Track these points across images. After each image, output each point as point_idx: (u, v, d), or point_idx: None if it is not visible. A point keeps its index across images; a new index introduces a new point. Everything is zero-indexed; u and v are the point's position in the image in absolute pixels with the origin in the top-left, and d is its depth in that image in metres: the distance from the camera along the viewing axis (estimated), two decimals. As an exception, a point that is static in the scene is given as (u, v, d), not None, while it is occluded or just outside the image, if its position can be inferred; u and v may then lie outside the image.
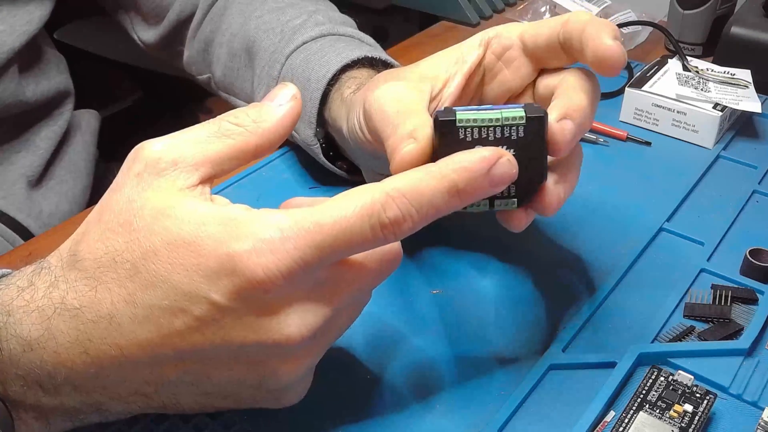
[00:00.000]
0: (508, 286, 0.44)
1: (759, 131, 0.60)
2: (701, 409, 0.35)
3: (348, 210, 0.28)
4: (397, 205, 0.28)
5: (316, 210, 0.28)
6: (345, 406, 0.37)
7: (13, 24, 0.55)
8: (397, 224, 0.28)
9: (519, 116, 0.32)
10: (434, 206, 0.28)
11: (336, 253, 0.28)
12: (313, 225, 0.27)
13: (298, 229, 0.27)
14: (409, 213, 0.28)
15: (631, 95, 0.60)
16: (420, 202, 0.28)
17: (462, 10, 0.82)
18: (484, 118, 0.31)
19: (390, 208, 0.28)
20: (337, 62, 0.47)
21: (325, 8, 0.57)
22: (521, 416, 0.36)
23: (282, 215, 0.28)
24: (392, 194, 0.28)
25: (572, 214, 0.49)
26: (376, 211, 0.27)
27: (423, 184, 0.28)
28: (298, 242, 0.27)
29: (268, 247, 0.27)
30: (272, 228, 0.27)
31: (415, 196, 0.28)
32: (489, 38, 0.38)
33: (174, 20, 0.62)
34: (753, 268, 0.44)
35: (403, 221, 0.28)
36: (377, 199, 0.28)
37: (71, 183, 0.63)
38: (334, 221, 0.27)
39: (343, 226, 0.27)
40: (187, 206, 0.28)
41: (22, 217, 0.58)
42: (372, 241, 0.28)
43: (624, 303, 0.43)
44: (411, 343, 0.40)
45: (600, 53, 0.33)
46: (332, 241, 0.27)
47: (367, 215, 0.27)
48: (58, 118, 0.63)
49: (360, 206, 0.28)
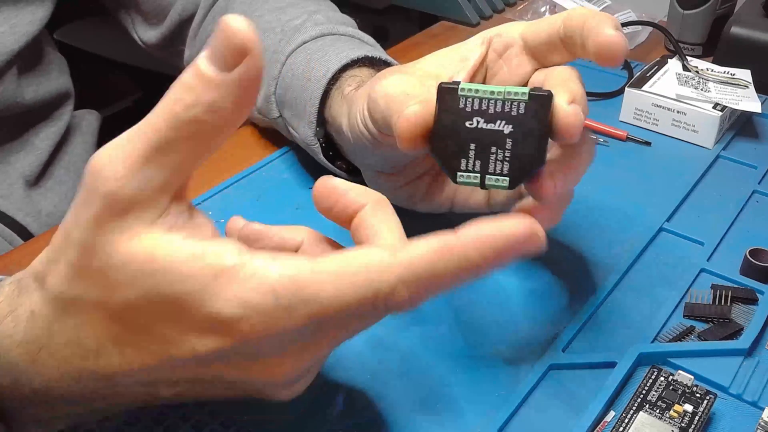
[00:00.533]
0: (507, 286, 0.44)
1: (759, 131, 0.60)
2: (701, 409, 0.35)
3: (351, 285, 0.25)
4: (408, 291, 0.25)
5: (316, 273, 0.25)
6: (344, 406, 0.37)
7: (14, 25, 0.55)
8: (401, 307, 0.26)
9: (522, 92, 0.31)
10: (445, 288, 0.26)
11: (328, 322, 0.26)
12: (310, 293, 0.25)
13: (293, 295, 0.25)
14: (418, 297, 0.26)
15: (631, 95, 0.60)
16: (432, 286, 0.26)
17: (462, 10, 0.82)
18: (487, 89, 0.31)
19: (398, 294, 0.25)
20: (338, 61, 0.47)
21: (325, 8, 0.57)
22: (521, 416, 0.36)
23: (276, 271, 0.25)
24: (404, 278, 0.25)
25: (572, 213, 0.49)
26: (383, 294, 0.25)
27: (439, 266, 0.25)
28: (291, 312, 0.25)
29: (260, 311, 0.25)
30: (265, 290, 0.25)
31: (428, 281, 0.26)
32: (491, 37, 0.38)
33: (175, 20, 0.62)
34: (753, 268, 0.44)
35: (408, 304, 0.26)
36: (386, 281, 0.25)
37: (70, 183, 0.63)
38: (333, 294, 0.25)
39: (342, 302, 0.25)
40: (166, 257, 0.25)
41: (20, 216, 0.58)
42: (368, 316, 0.27)
43: (624, 303, 0.43)
44: (410, 343, 0.40)
45: (600, 43, 0.33)
46: (326, 313, 0.25)
47: (371, 295, 0.25)
48: (58, 119, 0.63)
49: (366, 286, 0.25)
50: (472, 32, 0.39)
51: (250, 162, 0.56)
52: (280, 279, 0.25)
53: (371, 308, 0.26)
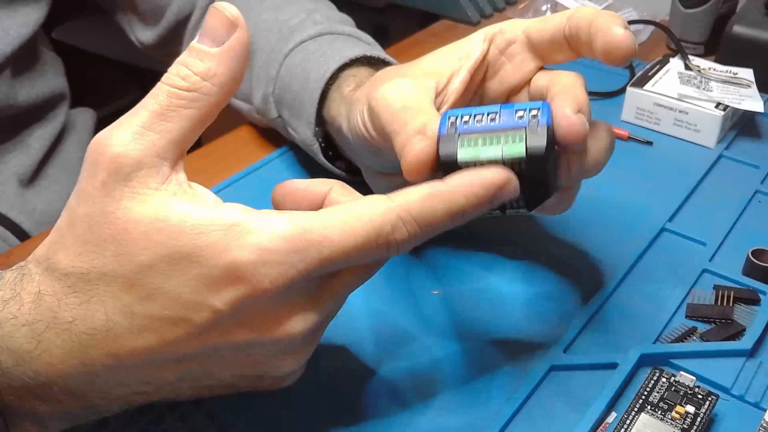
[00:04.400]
0: (508, 287, 0.44)
1: (761, 131, 0.60)
2: (703, 411, 0.35)
3: (357, 227, 0.27)
4: (407, 228, 0.28)
5: (324, 221, 0.27)
6: (347, 406, 0.37)
7: (7, 28, 0.54)
8: (402, 245, 0.28)
9: (519, 153, 0.31)
10: (439, 227, 0.29)
11: (339, 264, 0.28)
12: (320, 237, 0.27)
13: (305, 241, 0.27)
14: (416, 234, 0.28)
15: (632, 95, 0.60)
16: (428, 225, 0.29)
17: (462, 9, 0.82)
18: (485, 156, 0.31)
19: (399, 231, 0.28)
20: (336, 61, 0.47)
21: (323, 6, 0.57)
22: (522, 417, 0.36)
23: (286, 222, 0.27)
24: (403, 217, 0.28)
25: (574, 213, 0.49)
26: (385, 232, 0.28)
27: (432, 206, 0.29)
28: (305, 255, 0.27)
29: (275, 258, 0.26)
30: (278, 238, 0.27)
31: (424, 220, 0.28)
32: (493, 33, 0.38)
33: (172, 20, 0.62)
34: (755, 269, 0.44)
35: (409, 241, 0.29)
36: (388, 220, 0.28)
37: (65, 182, 0.63)
38: (342, 237, 0.27)
39: (350, 243, 0.27)
40: (177, 215, 0.27)
41: (14, 214, 0.58)
42: (375, 255, 0.29)
43: (626, 303, 0.43)
44: (412, 343, 0.40)
45: (610, 42, 0.33)
46: (337, 255, 0.27)
47: (375, 234, 0.28)
48: (53, 119, 0.63)
49: (370, 225, 0.28)
50: (472, 31, 0.39)
51: (250, 161, 0.56)
52: (291, 227, 0.27)
53: (375, 247, 0.28)
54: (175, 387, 0.31)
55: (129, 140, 0.27)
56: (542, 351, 0.39)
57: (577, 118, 0.32)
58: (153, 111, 0.27)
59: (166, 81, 0.27)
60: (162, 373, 0.29)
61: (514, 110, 0.32)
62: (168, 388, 0.31)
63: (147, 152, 0.27)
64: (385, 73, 0.39)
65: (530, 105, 0.32)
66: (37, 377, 0.28)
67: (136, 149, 0.27)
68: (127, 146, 0.26)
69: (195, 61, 0.27)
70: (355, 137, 0.41)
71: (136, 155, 0.26)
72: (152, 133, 0.27)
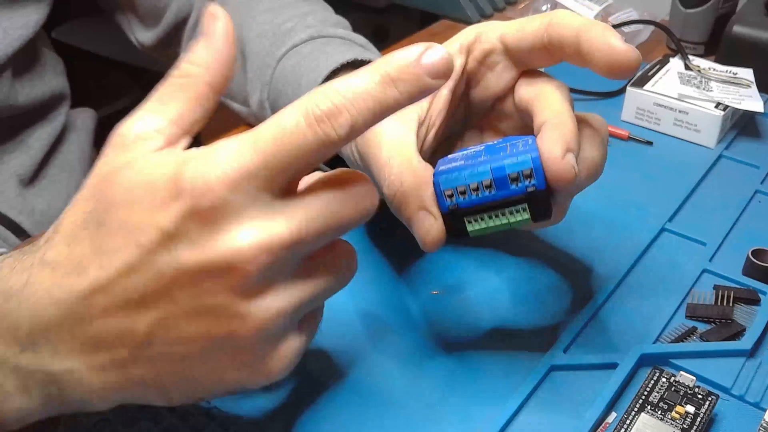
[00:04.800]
0: (508, 287, 0.44)
1: (761, 131, 0.60)
2: (703, 411, 0.35)
3: (284, 111, 0.28)
4: (331, 98, 0.27)
5: (258, 125, 0.28)
6: (345, 408, 0.37)
7: (8, 29, 0.54)
8: (332, 116, 0.27)
9: (526, 222, 0.33)
10: (370, 95, 0.27)
11: (280, 159, 0.27)
12: (250, 134, 0.28)
13: (238, 140, 0.28)
14: (343, 104, 0.27)
15: (632, 95, 0.60)
16: (354, 92, 0.27)
17: (462, 9, 0.82)
18: (493, 228, 0.33)
19: (323, 102, 0.27)
20: (327, 66, 0.47)
21: (318, 9, 0.57)
22: (522, 417, 0.36)
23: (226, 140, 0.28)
24: (325, 89, 0.27)
25: (573, 214, 0.49)
26: (310, 107, 0.27)
27: (353, 75, 0.28)
28: (236, 150, 0.27)
29: (209, 161, 0.27)
30: (215, 148, 0.28)
31: (347, 86, 0.27)
32: (469, 43, 0.37)
33: (171, 21, 0.62)
34: (755, 269, 0.44)
35: (338, 113, 0.27)
36: (310, 97, 0.27)
37: (65, 182, 0.63)
38: (270, 124, 0.28)
39: (280, 125, 0.27)
40: (148, 156, 0.29)
41: (14, 214, 0.58)
42: (312, 139, 0.27)
43: (626, 303, 0.43)
44: (411, 344, 0.40)
45: (615, 59, 0.33)
46: (272, 144, 0.27)
47: (302, 113, 0.27)
48: (53, 119, 0.63)
49: (294, 106, 0.28)
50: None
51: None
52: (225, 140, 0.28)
53: (306, 125, 0.27)
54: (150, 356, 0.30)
55: (132, 121, 0.30)
56: (542, 351, 0.39)
57: (566, 162, 0.31)
58: (154, 98, 0.31)
59: (167, 75, 0.31)
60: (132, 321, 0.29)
61: (507, 174, 0.32)
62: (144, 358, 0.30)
63: (145, 128, 0.30)
64: None
65: (521, 165, 0.31)
66: (21, 317, 0.30)
67: (136, 128, 0.30)
68: (129, 126, 0.30)
69: (186, 54, 0.31)
70: (347, 159, 0.42)
71: (136, 132, 0.30)
72: (152, 114, 0.30)
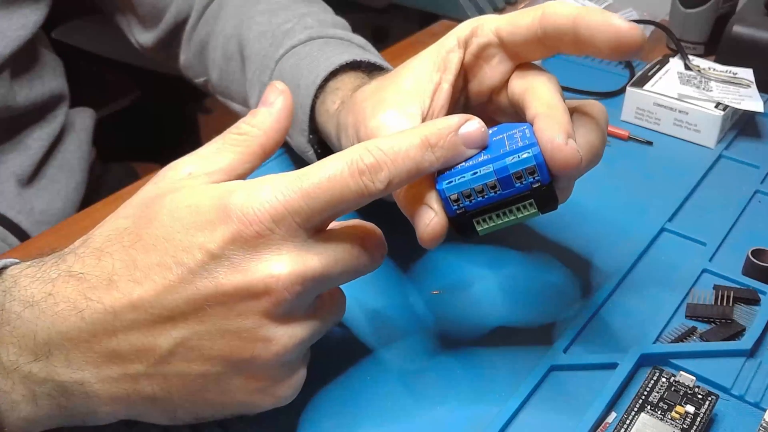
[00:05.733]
0: (508, 287, 0.44)
1: (761, 131, 0.60)
2: (703, 411, 0.35)
3: (331, 162, 0.30)
4: (374, 154, 0.30)
5: (305, 168, 0.31)
6: (345, 408, 0.37)
7: (6, 29, 0.54)
8: (373, 170, 0.30)
9: (534, 215, 0.33)
10: (409, 157, 0.31)
11: (321, 201, 0.30)
12: (297, 174, 0.30)
13: (286, 178, 0.30)
14: (384, 161, 0.30)
15: (632, 95, 0.60)
16: (395, 151, 0.31)
17: (462, 9, 0.82)
18: (502, 224, 0.33)
19: (367, 157, 0.30)
20: (325, 68, 0.47)
21: (317, 10, 0.57)
22: (522, 417, 0.36)
23: (271, 176, 0.31)
24: (368, 146, 0.31)
25: (573, 214, 0.49)
26: (355, 159, 0.30)
27: (397, 136, 0.31)
28: (286, 188, 0.30)
29: (258, 193, 0.30)
30: (264, 184, 0.30)
31: (390, 146, 0.31)
32: (466, 37, 0.37)
33: (171, 22, 0.62)
34: (755, 269, 0.44)
35: (380, 168, 0.30)
36: (355, 150, 0.31)
37: (64, 182, 0.63)
38: (319, 171, 0.30)
39: (327, 174, 0.30)
40: (196, 186, 0.32)
41: (12, 213, 0.58)
42: (353, 188, 0.30)
43: (625, 303, 0.43)
44: (411, 344, 0.40)
45: (621, 38, 0.32)
46: (316, 188, 0.30)
47: (347, 163, 0.30)
48: (52, 120, 0.63)
49: (340, 157, 0.30)
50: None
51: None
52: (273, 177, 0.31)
53: (349, 175, 0.30)
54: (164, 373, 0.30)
55: (184, 162, 0.34)
56: (542, 351, 0.39)
57: (569, 147, 0.31)
58: (212, 146, 0.35)
59: (228, 130, 0.35)
60: (155, 338, 0.30)
61: (511, 174, 0.32)
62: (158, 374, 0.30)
63: (196, 169, 0.33)
64: (366, 97, 0.39)
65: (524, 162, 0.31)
66: (40, 328, 0.30)
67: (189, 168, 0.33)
68: (181, 165, 0.34)
69: (250, 118, 0.35)
70: None
71: (187, 170, 0.33)
72: (204, 159, 0.34)
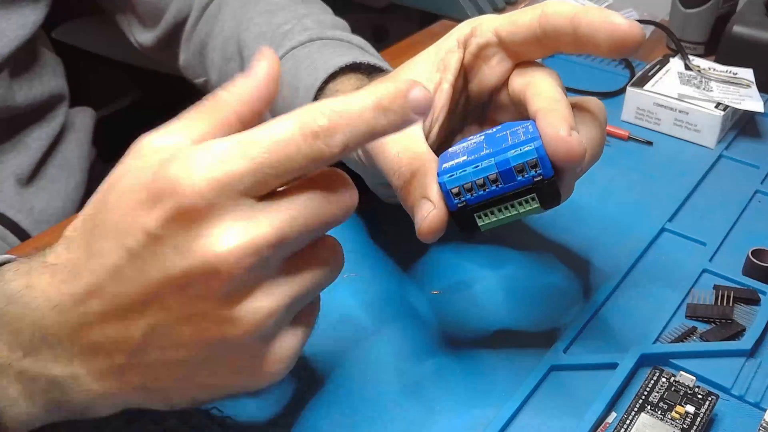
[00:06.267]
0: (509, 287, 0.44)
1: (761, 131, 0.60)
2: (703, 411, 0.35)
3: (281, 123, 0.28)
4: (327, 115, 0.28)
5: (252, 129, 0.28)
6: (345, 407, 0.37)
7: (5, 29, 0.54)
8: (328, 133, 0.28)
9: (536, 211, 0.32)
10: (363, 119, 0.28)
11: (270, 167, 0.27)
12: (242, 138, 0.27)
13: (228, 142, 0.27)
14: (339, 123, 0.28)
15: (632, 95, 0.60)
16: (349, 113, 0.28)
17: (462, 9, 0.82)
18: (504, 220, 0.33)
19: (320, 118, 0.28)
20: (325, 70, 0.47)
21: (316, 11, 0.56)
22: (522, 417, 0.36)
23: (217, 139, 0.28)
24: (321, 107, 0.28)
25: (573, 214, 0.49)
26: (307, 121, 0.27)
27: (350, 98, 0.28)
28: (229, 156, 0.27)
29: (196, 161, 0.27)
30: (203, 149, 0.27)
31: (344, 107, 0.28)
32: (465, 37, 0.37)
33: (170, 22, 0.62)
34: (755, 269, 0.44)
35: (335, 131, 0.28)
36: (307, 111, 0.28)
37: (64, 181, 0.63)
38: (268, 134, 0.27)
39: (274, 134, 0.27)
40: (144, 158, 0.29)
41: (12, 213, 0.58)
42: (305, 152, 0.28)
43: (626, 304, 0.43)
44: (412, 344, 0.40)
45: (620, 36, 0.32)
46: (264, 152, 0.27)
47: (298, 126, 0.27)
48: (51, 120, 0.63)
49: (291, 117, 0.28)
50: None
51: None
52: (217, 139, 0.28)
53: (301, 137, 0.27)
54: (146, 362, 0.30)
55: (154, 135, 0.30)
56: (542, 351, 0.39)
57: (573, 139, 0.31)
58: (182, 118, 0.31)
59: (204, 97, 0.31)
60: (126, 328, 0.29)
61: (512, 167, 0.31)
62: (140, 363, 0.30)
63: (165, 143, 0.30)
64: None
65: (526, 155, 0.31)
66: (22, 321, 0.30)
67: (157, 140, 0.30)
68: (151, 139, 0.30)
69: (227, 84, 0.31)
70: (350, 161, 0.41)
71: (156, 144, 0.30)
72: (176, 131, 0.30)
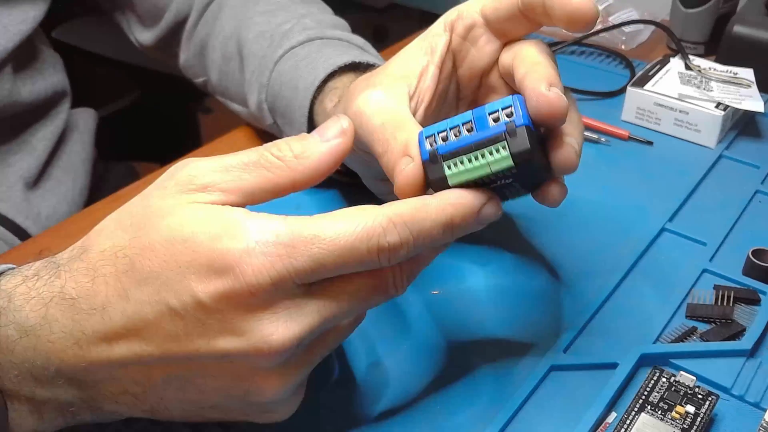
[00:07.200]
0: (509, 287, 0.44)
1: (762, 131, 0.60)
2: (703, 411, 0.35)
3: (349, 228, 0.28)
4: (398, 231, 0.28)
5: (317, 222, 0.28)
6: (345, 407, 0.37)
7: (7, 24, 0.55)
8: (394, 250, 0.28)
9: (507, 165, 0.30)
10: (430, 237, 0.29)
11: (329, 268, 0.28)
12: (311, 237, 0.27)
13: (295, 237, 0.27)
14: (407, 240, 0.28)
15: (633, 94, 0.60)
16: (419, 232, 0.28)
17: (463, 9, 0.82)
18: (472, 173, 0.30)
19: (391, 233, 0.28)
20: (324, 69, 0.47)
21: (316, 10, 0.56)
22: (522, 417, 0.36)
23: (280, 222, 0.28)
24: (395, 220, 0.28)
25: (574, 214, 0.49)
26: (377, 233, 0.28)
27: (423, 214, 0.29)
28: (293, 251, 0.27)
29: (262, 249, 0.27)
30: (268, 232, 0.27)
31: (416, 225, 0.28)
32: (452, 21, 0.37)
33: (171, 22, 0.62)
34: (755, 269, 0.44)
35: (401, 247, 0.28)
36: (379, 223, 0.28)
37: (69, 184, 0.63)
38: (334, 237, 0.27)
39: (342, 243, 0.27)
40: (193, 207, 0.28)
41: (20, 219, 0.58)
42: (367, 263, 0.28)
43: (626, 303, 0.43)
44: (411, 343, 0.40)
45: (570, 9, 0.32)
46: (328, 256, 0.27)
47: (366, 236, 0.28)
48: (55, 117, 0.63)
49: (362, 227, 0.28)
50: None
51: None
52: (284, 225, 0.28)
53: (366, 250, 0.28)
54: (161, 395, 0.30)
55: (207, 169, 0.29)
56: (542, 351, 0.39)
57: (553, 93, 0.31)
58: (242, 160, 0.30)
59: (266, 146, 0.31)
60: (149, 372, 0.29)
61: (487, 114, 0.31)
62: (155, 395, 0.30)
63: (215, 183, 0.29)
64: (356, 86, 0.38)
65: (502, 104, 0.31)
66: (37, 355, 0.29)
67: (208, 178, 0.29)
68: (203, 172, 0.29)
69: (296, 143, 0.30)
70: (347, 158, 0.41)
71: (206, 182, 0.29)
72: (228, 173, 0.29)
